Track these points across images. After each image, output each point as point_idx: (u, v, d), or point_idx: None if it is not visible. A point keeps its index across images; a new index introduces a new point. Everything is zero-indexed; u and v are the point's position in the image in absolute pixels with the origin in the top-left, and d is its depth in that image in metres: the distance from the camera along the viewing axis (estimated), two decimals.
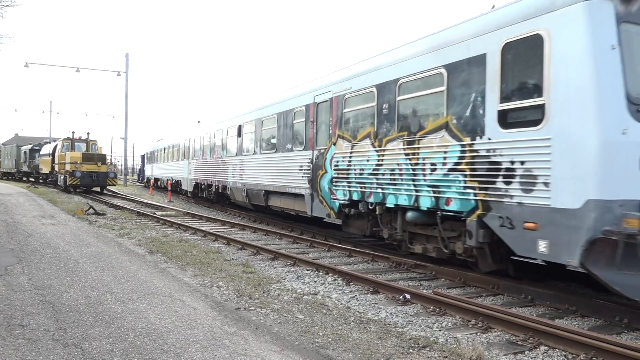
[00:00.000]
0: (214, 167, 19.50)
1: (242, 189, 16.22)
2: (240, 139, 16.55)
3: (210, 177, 20.07)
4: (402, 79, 8.46)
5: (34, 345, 4.48)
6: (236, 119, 17.20)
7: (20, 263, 8.10)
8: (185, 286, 6.92)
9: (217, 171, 19.02)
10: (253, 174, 15.29)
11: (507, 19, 6.48)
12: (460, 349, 4.68)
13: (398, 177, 8.37)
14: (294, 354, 4.49)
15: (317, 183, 11.16)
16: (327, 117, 10.88)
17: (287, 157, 12.89)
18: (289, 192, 12.76)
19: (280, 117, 13.47)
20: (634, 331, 5.54)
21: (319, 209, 11.23)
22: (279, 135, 13.44)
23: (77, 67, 36.44)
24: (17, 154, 46.33)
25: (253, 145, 15.34)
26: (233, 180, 17.15)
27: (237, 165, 16.73)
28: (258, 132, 15.01)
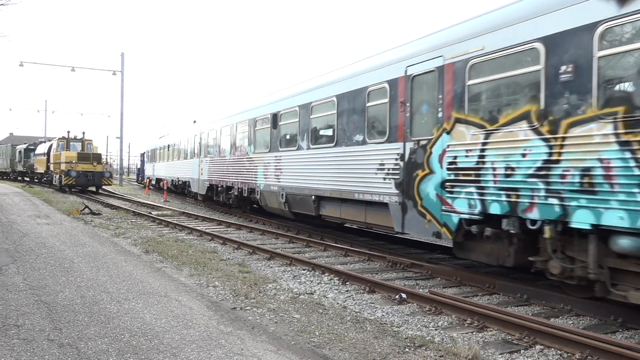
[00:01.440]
0: (235, 166, 16.51)
1: (278, 193, 13.19)
2: (275, 131, 13.41)
3: (230, 178, 17.05)
4: (603, 23, 5.42)
5: (29, 345, 4.47)
6: (268, 107, 14.10)
7: (15, 263, 8.06)
8: (181, 286, 6.91)
9: (240, 171, 16.00)
10: (297, 174, 12.25)
11: None
12: (456, 348, 4.70)
13: (603, 181, 5.34)
14: (290, 354, 4.49)
15: (413, 188, 8.05)
16: (432, 94, 7.77)
17: (356, 152, 9.82)
18: (358, 199, 9.69)
19: (342, 101, 10.36)
20: (629, 330, 5.57)
21: (416, 224, 8.04)
22: (341, 124, 10.36)
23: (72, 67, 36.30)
24: (12, 153, 46.14)
25: (297, 139, 12.24)
26: (265, 182, 13.99)
27: (272, 164, 13.61)
28: (304, 121, 11.90)
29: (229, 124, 17.37)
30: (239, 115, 16.49)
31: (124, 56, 36.71)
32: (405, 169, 8.37)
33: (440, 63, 7.64)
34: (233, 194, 16.98)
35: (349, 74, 10.36)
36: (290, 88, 13.29)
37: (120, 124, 36.98)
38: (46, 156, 33.03)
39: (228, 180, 17.28)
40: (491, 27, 6.84)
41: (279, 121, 13.29)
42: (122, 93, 36.71)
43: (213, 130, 19.22)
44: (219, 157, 18.40)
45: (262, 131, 14.47)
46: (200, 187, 20.90)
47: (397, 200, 8.55)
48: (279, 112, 13.32)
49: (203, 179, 20.42)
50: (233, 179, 16.75)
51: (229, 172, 17.20)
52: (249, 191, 15.34)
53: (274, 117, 13.52)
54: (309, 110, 11.79)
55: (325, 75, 11.65)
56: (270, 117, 13.73)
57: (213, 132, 19.23)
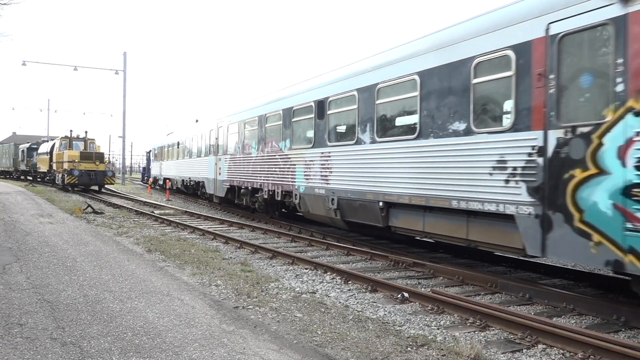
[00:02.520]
0: (264, 165, 14.30)
1: (326, 198, 10.91)
2: (322, 122, 11.21)
3: (257, 178, 14.85)
4: None
5: (32, 343, 4.48)
6: (310, 93, 11.85)
7: (18, 262, 8.08)
8: (183, 285, 6.92)
9: (271, 171, 13.82)
10: (354, 174, 9.98)
11: None
12: (458, 348, 4.69)
13: None
14: (293, 353, 4.50)
15: (564, 195, 5.83)
16: (603, 58, 5.60)
17: (455, 145, 7.47)
18: (457, 207, 7.42)
19: (429, 78, 7.99)
20: (632, 329, 5.56)
21: (571, 247, 5.78)
22: (428, 110, 7.99)
23: (74, 66, 36.37)
24: (15, 152, 46.29)
25: (356, 130, 9.93)
26: (307, 183, 11.78)
27: (316, 162, 11.39)
28: (367, 108, 9.59)
29: (255, 116, 15.13)
30: (268, 106, 14.22)
31: (127, 55, 36.79)
32: (547, 168, 6.05)
33: (620, 11, 5.38)
34: (261, 197, 14.77)
35: (439, 43, 7.94)
36: (342, 69, 10.91)
37: (122, 123, 37.07)
38: (49, 155, 33.10)
39: (254, 182, 15.03)
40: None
41: (327, 110, 11.00)
42: (125, 92, 36.78)
43: (234, 125, 17.01)
44: (242, 155, 16.13)
45: (301, 123, 12.23)
46: (218, 189, 18.69)
47: (532, 212, 6.21)
48: (328, 98, 11.02)
49: (221, 179, 18.23)
50: (261, 180, 14.51)
51: (256, 172, 14.96)
52: (283, 194, 13.15)
53: (320, 105, 11.25)
54: (373, 94, 9.38)
55: (398, 49, 9.02)
56: (314, 106, 11.50)
57: (234, 126, 17.00)
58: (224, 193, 17.97)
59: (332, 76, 11.11)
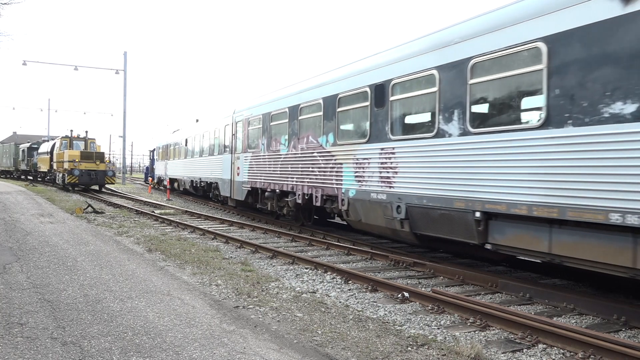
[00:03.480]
0: (298, 164, 12.30)
1: (389, 205, 8.69)
2: (381, 110, 9.04)
3: (287, 179, 12.87)
4: None
5: (33, 343, 4.48)
6: (366, 75, 9.61)
7: (19, 261, 8.09)
8: (183, 284, 6.92)
9: (307, 170, 11.83)
10: (434, 175, 7.79)
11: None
12: (458, 347, 4.70)
13: None
14: (293, 352, 4.50)
15: None
16: None
17: (616, 136, 5.41)
18: (621, 224, 5.23)
19: (565, 46, 5.93)
20: (632, 329, 5.56)
21: None
22: (564, 88, 5.95)
23: (75, 65, 36.41)
24: (16, 152, 46.31)
25: (436, 120, 7.79)
26: (359, 186, 9.64)
27: (373, 160, 9.26)
28: (454, 91, 7.49)
29: (284, 108, 13.15)
30: (303, 95, 12.23)
31: (127, 55, 36.82)
32: None
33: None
34: (292, 201, 12.75)
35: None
36: (411, 44, 8.70)
37: (123, 123, 37.10)
38: (49, 155, 33.12)
39: (284, 183, 12.99)
40: None
41: (390, 95, 8.89)
42: (125, 92, 36.79)
43: (256, 118, 15.06)
44: (267, 153, 14.14)
45: (350, 113, 10.34)
46: (236, 191, 16.66)
47: None
48: (391, 81, 8.88)
49: (240, 180, 16.22)
50: (293, 182, 12.50)
51: (286, 172, 12.95)
52: (324, 199, 11.20)
53: (379, 90, 9.15)
54: (464, 72, 7.28)
55: (511, 7, 6.81)
56: (369, 92, 9.47)
57: (257, 120, 15.06)
58: (243, 196, 15.92)
59: (397, 54, 8.92)
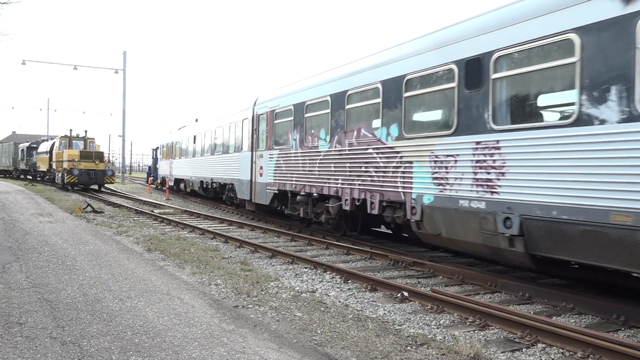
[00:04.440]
0: (344, 162, 10.35)
1: (491, 216, 6.73)
2: (478, 93, 7.09)
3: (328, 181, 10.98)
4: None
5: (32, 342, 4.48)
6: (450, 50, 7.64)
7: (18, 261, 8.08)
8: (183, 284, 6.92)
9: (358, 171, 9.88)
10: (573, 178, 5.74)
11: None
12: (458, 347, 4.70)
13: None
14: (292, 352, 4.50)
15: None
16: None
17: None
18: None
19: None
20: (631, 329, 5.56)
21: None
22: None
23: (74, 65, 36.37)
24: (15, 151, 46.30)
25: (579, 100, 5.73)
26: (441, 191, 7.63)
27: (462, 157, 7.30)
28: (610, 59, 5.40)
29: (324, 96, 11.22)
30: (350, 80, 10.28)
31: (126, 54, 36.77)
32: None
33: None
34: (337, 208, 10.76)
35: None
36: (518, 4, 6.70)
37: (122, 122, 37.05)
38: (49, 154, 33.11)
39: (324, 186, 11.12)
40: None
41: (492, 72, 6.79)
42: (125, 91, 36.76)
43: (286, 110, 13.12)
44: (301, 150, 12.17)
45: (425, 98, 8.27)
46: (258, 194, 14.67)
47: None
48: (492, 54, 6.81)
49: (264, 181, 14.27)
50: (338, 184, 10.59)
51: (327, 172, 11.03)
52: (383, 206, 9.21)
53: (473, 66, 7.11)
54: (630, 31, 5.19)
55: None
56: (456, 70, 7.41)
57: (286, 112, 13.12)
58: (268, 200, 13.99)
59: (506, 15, 6.82)
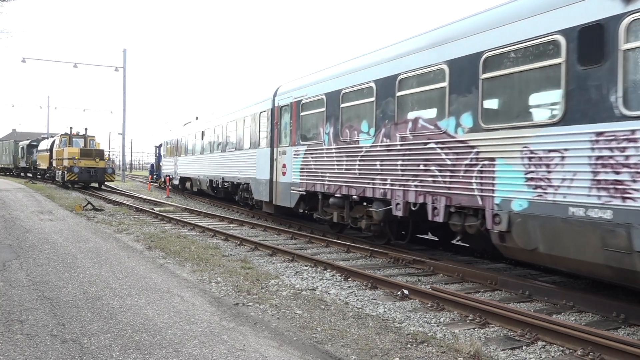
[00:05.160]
0: (398, 158, 8.73)
1: (627, 231, 5.13)
2: (602, 67, 5.48)
3: (374, 181, 9.38)
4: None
5: (33, 340, 4.48)
6: (556, 15, 6.01)
7: (19, 259, 8.09)
8: (183, 282, 6.93)
9: (414, 170, 8.37)
10: None
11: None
12: (458, 344, 4.70)
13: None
14: (293, 349, 4.50)
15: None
16: None
17: None
18: None
19: None
20: (631, 326, 5.57)
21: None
22: None
23: (74, 63, 36.29)
24: (15, 149, 46.31)
25: None
26: (538, 196, 6.18)
27: (575, 154, 5.79)
28: None
29: (367, 82, 9.61)
30: (403, 62, 8.67)
31: (126, 52, 36.71)
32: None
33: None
34: (383, 212, 9.26)
35: None
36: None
37: (122, 120, 37.00)
38: (49, 152, 33.10)
39: (367, 187, 9.61)
40: None
41: (625, 41, 5.28)
42: (125, 89, 36.72)
43: (315, 100, 11.63)
44: (336, 145, 10.74)
45: (513, 79, 6.65)
46: (280, 195, 13.24)
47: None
48: (622, 17, 5.29)
49: (287, 181, 12.82)
50: (386, 186, 9.03)
51: (371, 171, 9.47)
52: (449, 212, 7.72)
53: (591, 36, 5.62)
54: None
55: None
56: (563, 43, 5.90)
57: (315, 102, 11.64)
58: (293, 202, 12.53)
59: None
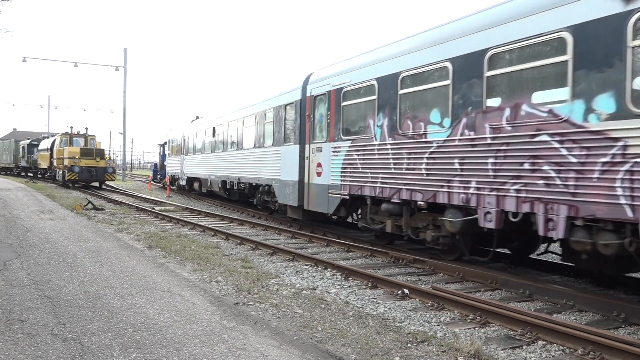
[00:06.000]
0: (489, 156, 6.98)
1: None
2: None
3: (451, 184, 7.62)
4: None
5: (33, 339, 4.49)
6: None
7: (19, 258, 8.10)
8: (184, 281, 6.93)
9: (523, 169, 6.44)
10: None
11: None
12: (458, 344, 4.70)
13: None
14: (293, 349, 4.51)
15: None
16: None
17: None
18: None
19: None
20: (631, 326, 5.57)
21: None
22: None
23: (75, 62, 36.30)
24: (16, 149, 46.33)
25: None
26: None
27: None
28: None
29: (441, 60, 7.74)
30: (496, 33, 6.86)
31: (127, 52, 36.72)
32: None
33: None
34: (461, 223, 7.50)
35: None
36: None
37: (123, 120, 37.03)
38: (49, 152, 33.10)
39: (441, 191, 7.73)
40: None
41: None
42: (125, 89, 36.73)
43: (362, 87, 9.72)
44: (392, 140, 8.75)
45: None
46: (315, 199, 11.46)
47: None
48: None
49: (324, 183, 11.01)
50: (470, 190, 7.22)
51: (446, 172, 7.65)
52: (568, 227, 5.93)
53: None
54: None
55: None
56: None
57: (362, 90, 9.75)
58: (332, 207, 10.74)
59: None
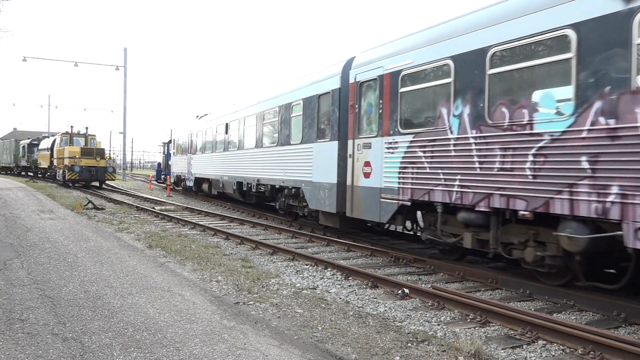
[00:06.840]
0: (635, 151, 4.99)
1: None
2: None
3: (572, 190, 5.63)
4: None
5: (34, 339, 4.49)
6: None
7: (20, 257, 8.10)
8: (184, 280, 6.93)
9: None
10: None
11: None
12: (458, 343, 4.70)
13: None
14: (293, 348, 4.51)
15: None
16: None
17: None
18: None
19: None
20: (632, 325, 5.57)
21: None
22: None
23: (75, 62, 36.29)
24: (16, 148, 46.33)
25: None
26: None
27: None
28: None
29: (553, 30, 5.91)
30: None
31: (127, 51, 36.72)
32: None
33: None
34: (588, 241, 5.67)
35: None
36: None
37: (123, 119, 37.04)
38: (50, 151, 33.12)
39: (556, 198, 5.85)
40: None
41: None
42: (125, 88, 36.74)
43: (431, 68, 7.90)
44: (476, 133, 7.00)
45: None
46: (361, 204, 9.65)
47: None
48: None
49: (375, 185, 9.20)
50: (609, 198, 5.28)
51: (564, 173, 5.78)
52: None
53: None
54: None
55: None
56: None
57: (430, 71, 7.95)
58: (387, 215, 8.93)
59: None
